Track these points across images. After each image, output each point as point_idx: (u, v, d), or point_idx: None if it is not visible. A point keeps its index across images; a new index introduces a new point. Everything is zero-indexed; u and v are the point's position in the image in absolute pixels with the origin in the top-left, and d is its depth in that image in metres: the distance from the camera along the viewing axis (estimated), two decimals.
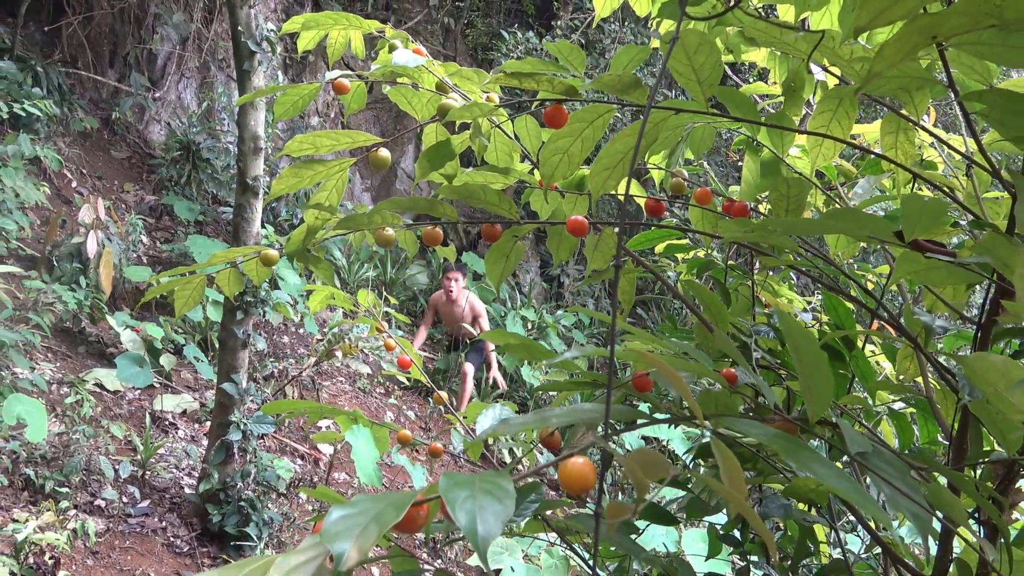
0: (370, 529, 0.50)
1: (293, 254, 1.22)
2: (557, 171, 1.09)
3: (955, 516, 0.77)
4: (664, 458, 0.49)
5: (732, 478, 0.48)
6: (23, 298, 4.71)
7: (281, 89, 1.33)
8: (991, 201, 1.25)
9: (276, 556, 0.54)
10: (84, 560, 3.27)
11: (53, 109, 6.04)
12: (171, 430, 4.72)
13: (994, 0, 0.56)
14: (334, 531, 0.50)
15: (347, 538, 0.50)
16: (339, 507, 0.53)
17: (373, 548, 0.54)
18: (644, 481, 0.46)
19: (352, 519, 0.52)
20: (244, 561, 0.54)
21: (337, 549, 0.49)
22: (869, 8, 0.56)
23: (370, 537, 0.50)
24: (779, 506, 1.43)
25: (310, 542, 0.54)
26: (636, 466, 0.47)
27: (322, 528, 0.51)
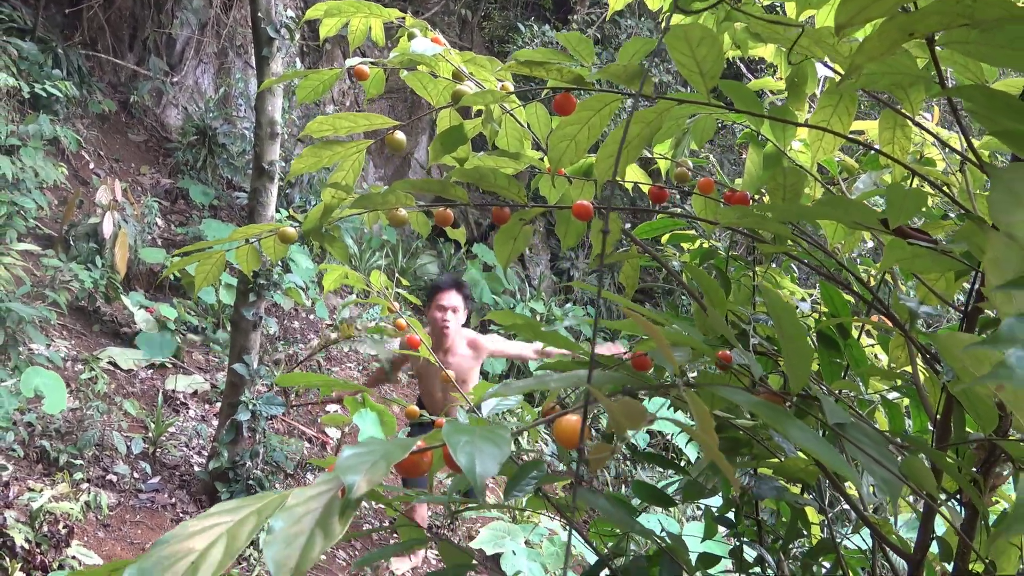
0: (379, 464, 0.56)
1: (310, 232, 1.28)
2: (565, 157, 1.14)
3: (926, 486, 0.82)
4: (642, 406, 0.54)
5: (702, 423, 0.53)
6: (40, 276, 4.80)
7: (303, 74, 1.39)
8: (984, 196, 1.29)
9: (295, 488, 0.60)
10: (96, 532, 3.35)
11: (72, 91, 6.12)
12: (182, 409, 4.80)
13: (966, 0, 0.61)
14: (347, 465, 0.56)
15: (358, 471, 0.55)
16: (351, 446, 0.58)
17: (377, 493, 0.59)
18: (625, 426, 0.51)
19: (363, 456, 0.57)
20: (264, 493, 0.60)
21: (349, 480, 0.54)
22: (848, 8, 0.61)
23: (379, 471, 0.55)
24: (772, 488, 1.48)
25: (324, 478, 0.59)
26: (617, 412, 0.52)
27: (336, 463, 0.56)
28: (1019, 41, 0.77)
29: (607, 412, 0.54)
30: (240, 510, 0.57)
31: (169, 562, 0.51)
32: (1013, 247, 0.74)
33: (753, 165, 1.49)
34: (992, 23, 0.64)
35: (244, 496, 2.42)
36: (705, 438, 0.52)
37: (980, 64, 1.05)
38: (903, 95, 1.13)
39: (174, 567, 0.51)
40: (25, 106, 6.03)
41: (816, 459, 0.75)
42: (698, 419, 0.52)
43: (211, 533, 0.54)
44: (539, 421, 0.69)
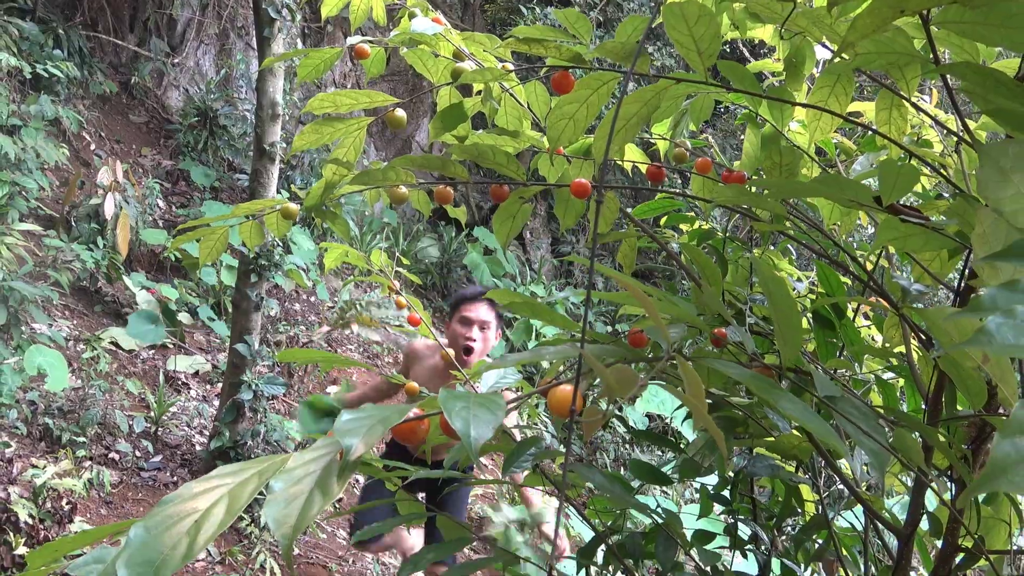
0: (375, 428, 0.57)
1: (312, 209, 1.29)
2: (563, 135, 1.15)
3: (914, 459, 0.83)
4: (635, 372, 0.55)
5: (693, 389, 0.54)
6: (42, 256, 4.81)
7: (304, 52, 1.40)
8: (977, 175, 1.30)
9: (291, 455, 0.61)
10: (98, 509, 3.38)
11: (74, 71, 6.11)
12: (183, 390, 4.83)
13: None
14: (345, 429, 0.57)
15: (356, 435, 0.56)
16: (349, 411, 0.60)
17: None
18: (617, 391, 0.53)
19: (361, 420, 0.59)
20: (267, 456, 0.61)
21: (347, 443, 0.56)
22: None
23: (375, 434, 0.57)
24: (766, 466, 1.50)
25: (323, 442, 0.61)
26: (610, 378, 0.54)
27: (335, 427, 0.58)
28: (1013, 19, 0.78)
29: (600, 377, 0.55)
30: (242, 472, 0.58)
31: (173, 520, 0.53)
32: (1000, 222, 0.75)
33: (751, 146, 1.50)
34: (984, 1, 0.64)
35: None
36: (694, 402, 0.54)
37: (976, 44, 1.05)
38: (899, 75, 1.14)
39: (178, 525, 0.53)
40: (26, 86, 6.02)
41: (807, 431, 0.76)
42: (688, 385, 0.54)
43: (213, 494, 0.55)
44: (534, 391, 0.70)
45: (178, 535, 0.52)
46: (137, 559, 0.50)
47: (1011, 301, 0.52)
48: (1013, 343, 0.47)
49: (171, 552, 0.51)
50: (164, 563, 0.51)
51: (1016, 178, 0.70)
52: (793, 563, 1.53)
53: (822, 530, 1.45)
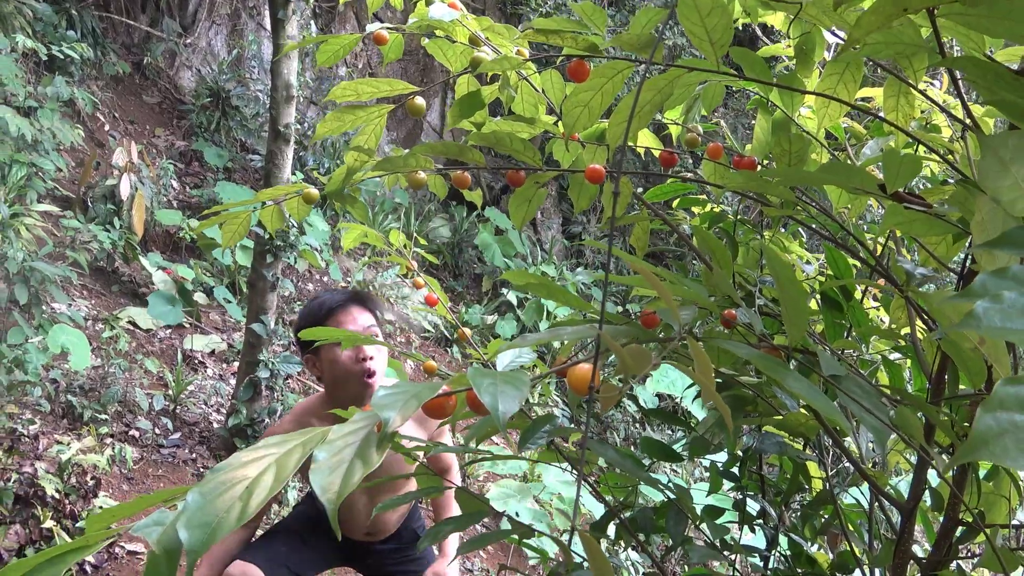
0: (410, 402, 0.62)
1: (332, 194, 1.33)
2: (578, 122, 1.19)
3: (915, 436, 0.88)
4: (649, 351, 0.59)
5: (702, 367, 0.58)
6: (60, 236, 4.88)
7: (323, 40, 1.43)
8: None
9: (331, 427, 0.66)
10: (120, 485, 3.47)
11: (87, 52, 6.15)
12: (200, 368, 4.90)
13: None
14: (382, 403, 0.62)
15: (393, 408, 0.61)
16: (384, 386, 0.65)
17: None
18: (633, 369, 0.57)
19: (396, 395, 0.63)
20: (307, 429, 0.66)
21: (385, 415, 0.60)
22: None
23: (411, 408, 0.61)
24: (774, 443, 1.54)
25: (360, 416, 0.66)
26: (626, 356, 0.58)
27: (372, 401, 0.63)
28: (1015, 13, 0.81)
29: (616, 356, 0.60)
30: (286, 443, 0.63)
31: (226, 487, 0.58)
32: (998, 210, 0.79)
33: (762, 131, 1.53)
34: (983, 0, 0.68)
35: None
36: (703, 380, 0.58)
37: (982, 35, 1.08)
38: (907, 63, 1.17)
39: (231, 490, 0.57)
40: (41, 68, 6.07)
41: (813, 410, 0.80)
42: (698, 364, 0.58)
43: (262, 462, 0.60)
44: (552, 370, 0.74)
45: (231, 499, 0.57)
46: (195, 521, 0.55)
47: (999, 287, 0.55)
48: (1000, 326, 0.51)
49: (226, 515, 0.56)
50: (220, 525, 0.55)
51: (1015, 168, 0.73)
52: (800, 538, 1.58)
53: (828, 506, 1.49)
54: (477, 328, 7.15)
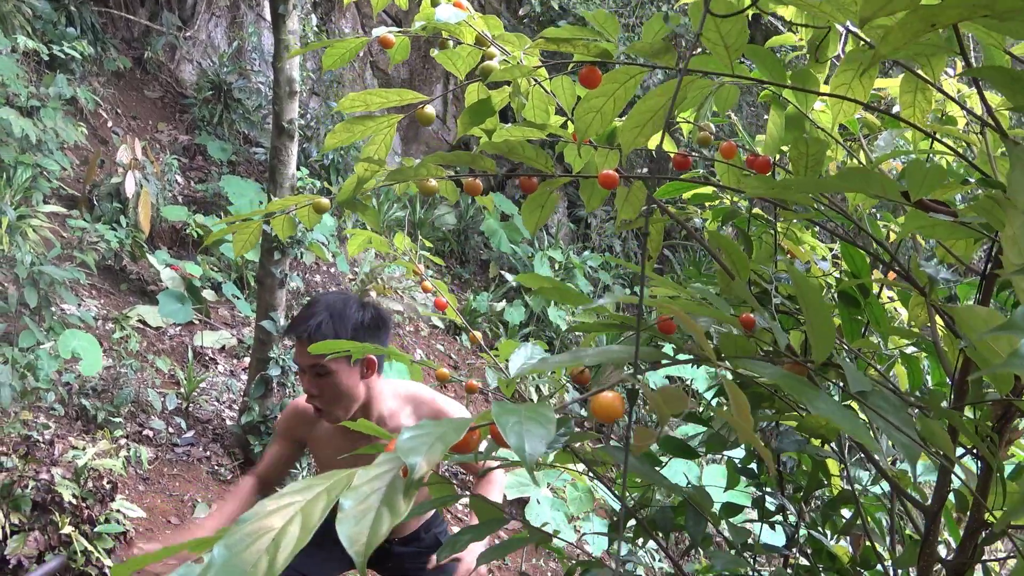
0: (436, 446, 0.61)
1: (344, 203, 1.32)
2: (591, 128, 1.17)
3: (943, 448, 0.86)
4: (683, 393, 0.58)
5: (740, 410, 0.57)
6: (68, 237, 4.88)
7: (329, 43, 1.41)
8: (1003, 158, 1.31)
9: (358, 468, 0.65)
10: (136, 485, 3.48)
11: (88, 49, 6.12)
12: (211, 365, 4.91)
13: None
14: (407, 447, 0.61)
15: (419, 453, 0.60)
16: (409, 429, 0.63)
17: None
18: (666, 412, 0.56)
19: (421, 438, 0.62)
20: (330, 472, 0.65)
21: (411, 461, 0.59)
22: (873, 2, 0.64)
23: (436, 452, 0.60)
24: (793, 441, 1.53)
25: (385, 458, 0.65)
26: (659, 399, 0.57)
27: (396, 445, 0.61)
28: None
29: (649, 401, 0.58)
30: (311, 489, 0.62)
31: (251, 539, 0.57)
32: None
33: (775, 127, 1.51)
34: (1013, 13, 0.66)
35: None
36: (742, 425, 0.57)
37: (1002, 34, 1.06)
38: (925, 62, 1.15)
39: (257, 543, 0.57)
40: (42, 67, 6.05)
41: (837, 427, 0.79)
42: (735, 406, 0.57)
43: (287, 511, 0.59)
44: (578, 399, 0.73)
45: (258, 553, 0.56)
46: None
47: None
48: None
49: (252, 570, 0.55)
50: None
51: None
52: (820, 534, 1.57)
53: (849, 504, 1.48)
54: (485, 315, 7.14)
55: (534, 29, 8.75)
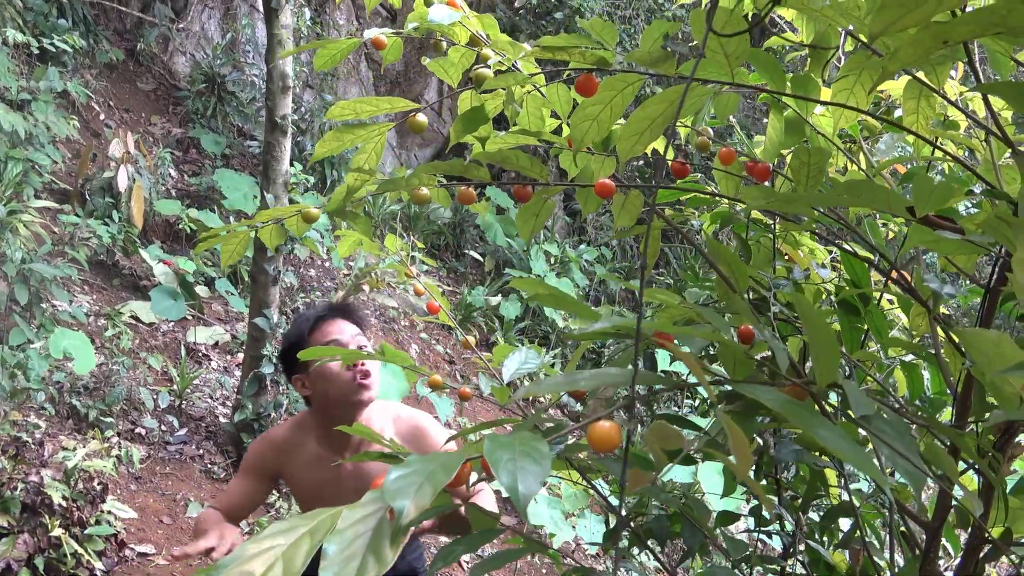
0: (425, 488, 0.58)
1: (335, 213, 1.29)
2: (587, 136, 1.14)
3: (948, 472, 0.84)
4: (679, 432, 0.56)
5: (739, 449, 0.54)
6: (59, 232, 4.84)
7: (321, 44, 1.38)
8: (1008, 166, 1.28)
9: (343, 508, 0.62)
10: (128, 485, 3.45)
11: (79, 42, 6.06)
12: (204, 361, 4.88)
13: (1000, 11, 0.60)
14: (394, 489, 0.58)
15: (406, 496, 0.57)
16: (397, 467, 0.61)
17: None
18: (663, 456, 0.53)
19: (409, 478, 0.59)
20: (315, 511, 0.62)
21: (398, 506, 0.56)
22: (883, 17, 0.61)
23: (425, 495, 0.57)
24: (791, 451, 1.51)
25: (371, 497, 0.62)
26: (655, 440, 0.54)
27: (383, 486, 0.59)
28: None
29: (644, 442, 0.56)
30: (293, 531, 0.60)
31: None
32: None
33: (774, 131, 1.48)
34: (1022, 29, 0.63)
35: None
36: (740, 467, 0.54)
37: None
38: (929, 69, 1.12)
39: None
40: (33, 59, 5.99)
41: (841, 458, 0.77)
42: (734, 444, 0.54)
43: (268, 556, 0.57)
44: (573, 427, 0.71)
45: None
46: None
47: None
48: None
49: None
50: None
51: None
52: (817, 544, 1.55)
53: (848, 514, 1.46)
54: (481, 309, 7.11)
55: (530, 21, 8.70)
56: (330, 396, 1.88)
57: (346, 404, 1.88)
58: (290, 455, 1.95)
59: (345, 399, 1.87)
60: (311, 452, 1.94)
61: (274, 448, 1.96)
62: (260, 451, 1.98)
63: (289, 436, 1.97)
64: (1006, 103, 0.85)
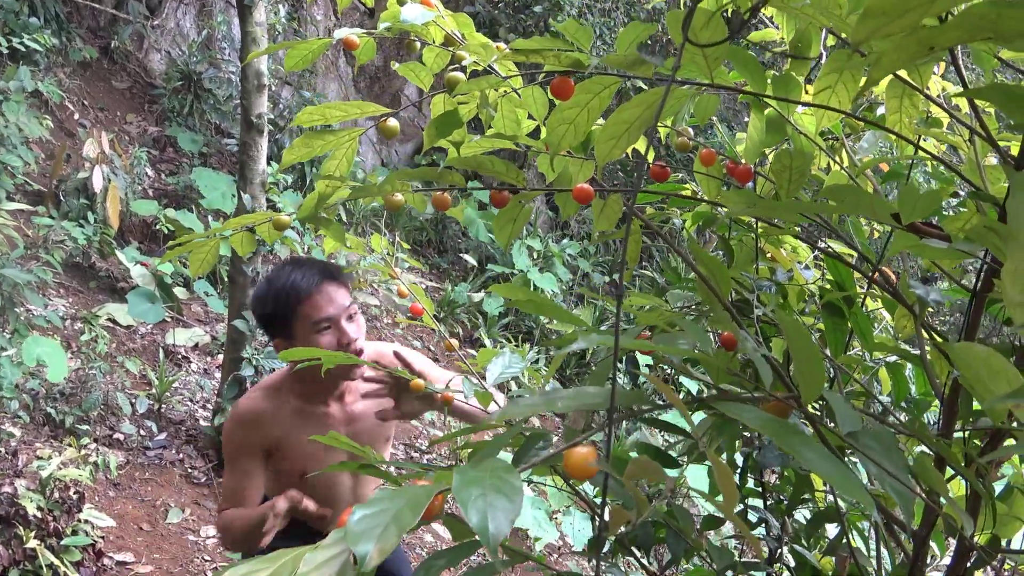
0: (390, 530, 0.55)
1: (306, 219, 1.25)
2: (564, 140, 1.11)
3: (936, 487, 0.82)
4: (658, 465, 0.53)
5: (725, 487, 0.52)
6: (32, 235, 4.75)
7: (292, 44, 1.34)
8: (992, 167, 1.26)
9: (304, 549, 0.59)
10: (106, 492, 3.40)
11: (51, 40, 5.95)
12: (184, 364, 4.82)
13: (989, 16, 0.58)
14: (357, 531, 0.55)
15: (369, 539, 0.54)
16: (361, 506, 0.57)
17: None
18: (643, 499, 0.50)
19: (374, 519, 0.56)
20: (277, 553, 0.59)
21: (360, 551, 0.53)
22: (866, 25, 0.58)
23: (390, 538, 0.54)
24: (777, 455, 1.49)
25: (334, 538, 0.59)
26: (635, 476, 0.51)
27: (346, 528, 0.55)
28: None
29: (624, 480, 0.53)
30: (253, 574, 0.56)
31: None
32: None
33: (755, 131, 1.45)
34: (1017, 35, 0.60)
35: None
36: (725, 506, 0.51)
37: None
38: (912, 68, 1.10)
39: None
40: (4, 59, 5.88)
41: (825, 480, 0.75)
42: (721, 483, 0.51)
43: None
44: (551, 454, 0.67)
45: None
46: None
47: None
48: None
49: None
50: None
51: None
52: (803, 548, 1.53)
53: (833, 520, 1.44)
54: (464, 306, 7.07)
55: (510, 15, 8.64)
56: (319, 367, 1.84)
57: (336, 375, 1.85)
58: (272, 423, 1.85)
59: (335, 371, 1.82)
60: (293, 410, 1.87)
61: (253, 422, 1.85)
62: (240, 431, 1.85)
63: (263, 404, 1.86)
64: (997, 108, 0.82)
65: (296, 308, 1.80)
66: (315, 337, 1.80)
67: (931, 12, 0.59)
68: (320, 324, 1.80)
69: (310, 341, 1.80)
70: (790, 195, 1.15)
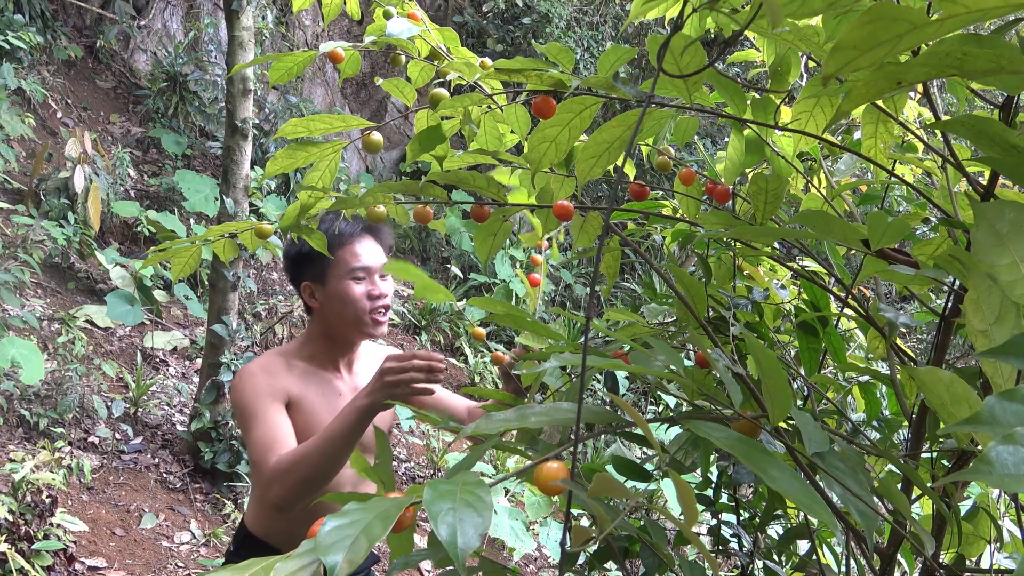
0: (360, 541, 0.56)
1: (288, 229, 1.26)
2: (545, 159, 1.13)
3: (900, 509, 0.83)
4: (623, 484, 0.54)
5: (685, 503, 0.53)
6: (11, 235, 4.71)
7: (277, 57, 1.35)
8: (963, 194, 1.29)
9: (276, 558, 0.60)
10: (80, 496, 3.36)
11: (36, 38, 5.92)
12: (162, 367, 4.78)
13: (955, 54, 0.60)
14: (327, 543, 0.56)
15: (339, 550, 0.55)
16: (332, 517, 0.58)
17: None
18: (606, 518, 0.51)
19: (344, 530, 0.57)
20: (249, 562, 0.59)
21: (330, 562, 0.54)
22: (836, 59, 0.60)
23: (360, 550, 0.55)
24: (749, 472, 1.51)
25: (306, 547, 0.59)
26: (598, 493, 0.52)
27: (316, 539, 0.56)
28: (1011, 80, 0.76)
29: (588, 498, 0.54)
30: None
31: None
32: (995, 289, 0.74)
33: (735, 151, 1.48)
34: (981, 74, 0.62)
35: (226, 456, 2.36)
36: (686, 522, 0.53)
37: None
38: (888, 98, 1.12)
39: None
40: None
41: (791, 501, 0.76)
42: (681, 500, 0.53)
43: None
44: (521, 471, 0.69)
45: None
46: None
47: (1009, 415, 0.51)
48: (1013, 474, 0.47)
49: None
50: None
51: (1013, 246, 0.68)
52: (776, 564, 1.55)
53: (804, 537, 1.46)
54: (446, 315, 7.07)
55: (498, 26, 8.68)
56: (343, 317, 1.80)
57: (354, 331, 1.82)
58: (286, 376, 1.79)
59: (356, 327, 1.80)
60: (302, 369, 1.82)
61: (268, 371, 1.77)
62: (259, 377, 1.76)
63: (274, 360, 1.81)
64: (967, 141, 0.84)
65: (336, 250, 1.77)
66: (348, 283, 1.78)
67: (900, 48, 0.61)
68: (356, 271, 1.78)
69: (342, 287, 1.78)
70: (766, 216, 1.17)
